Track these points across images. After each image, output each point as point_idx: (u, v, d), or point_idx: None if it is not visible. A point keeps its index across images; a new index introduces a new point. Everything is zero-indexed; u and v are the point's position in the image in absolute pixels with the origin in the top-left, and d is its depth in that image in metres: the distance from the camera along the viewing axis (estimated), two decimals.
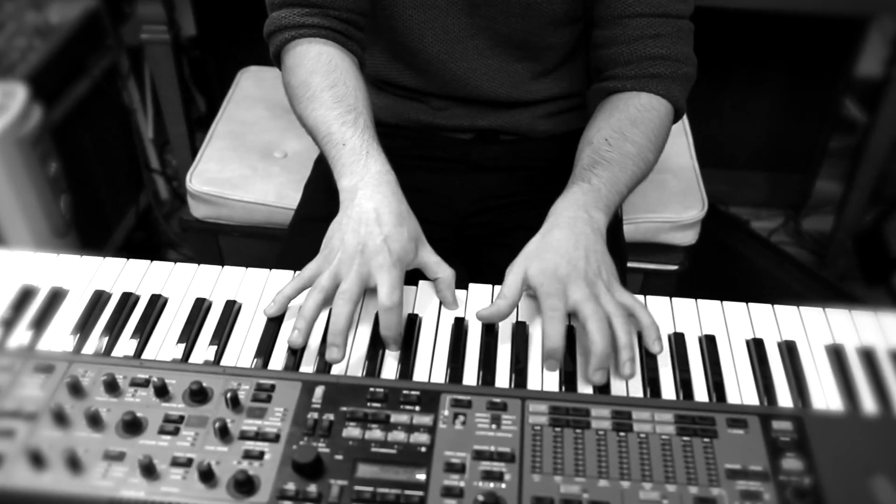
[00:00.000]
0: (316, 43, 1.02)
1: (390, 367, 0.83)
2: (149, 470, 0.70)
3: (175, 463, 0.71)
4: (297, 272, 0.90)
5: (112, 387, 0.77)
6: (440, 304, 0.91)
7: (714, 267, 1.92)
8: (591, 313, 0.82)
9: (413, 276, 0.93)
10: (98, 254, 0.97)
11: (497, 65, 1.13)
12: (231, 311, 0.88)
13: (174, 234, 2.24)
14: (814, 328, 0.87)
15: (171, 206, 2.34)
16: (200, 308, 0.88)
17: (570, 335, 0.85)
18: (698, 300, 0.91)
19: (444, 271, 0.92)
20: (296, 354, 0.84)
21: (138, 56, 2.11)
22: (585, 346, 0.82)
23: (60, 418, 0.74)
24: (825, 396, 0.80)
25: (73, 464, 0.71)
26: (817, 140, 2.21)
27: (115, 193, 2.09)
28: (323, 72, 1.00)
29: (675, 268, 1.40)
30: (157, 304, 0.89)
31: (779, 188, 2.31)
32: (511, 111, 1.18)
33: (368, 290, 0.87)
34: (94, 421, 0.74)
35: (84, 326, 0.86)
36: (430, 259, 0.92)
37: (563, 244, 0.87)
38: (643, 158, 0.99)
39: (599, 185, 0.93)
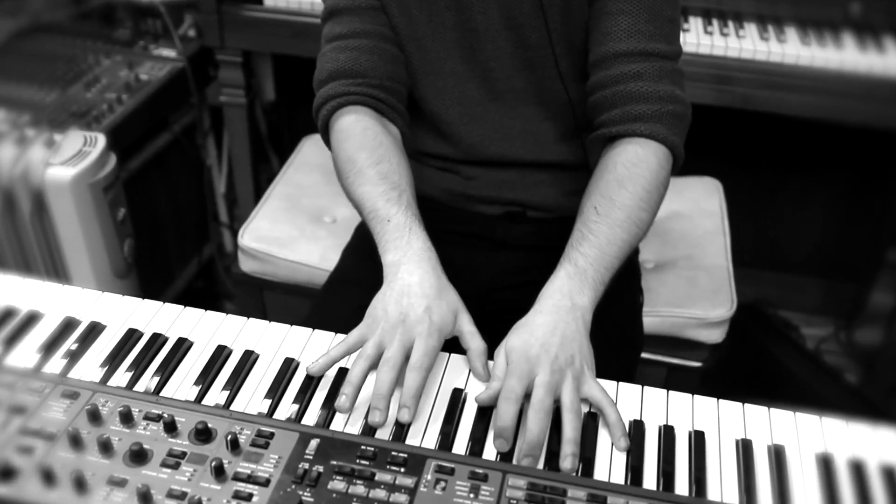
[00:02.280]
0: (362, 116, 1.09)
1: (386, 428, 0.87)
2: (145, 498, 0.75)
3: (170, 495, 0.76)
4: (341, 336, 0.96)
5: (127, 418, 0.83)
6: (443, 372, 0.95)
7: (744, 365, 1.91)
8: (535, 401, 0.85)
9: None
10: (155, 298, 1.05)
11: (521, 126, 1.19)
12: (248, 360, 0.94)
13: (232, 286, 2.33)
14: (835, 439, 0.87)
15: (234, 259, 2.44)
16: (220, 354, 0.95)
17: (556, 415, 0.88)
18: (719, 400, 0.92)
19: (476, 343, 0.96)
20: (300, 406, 0.89)
21: (219, 115, 2.25)
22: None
23: (76, 442, 0.80)
24: None
25: (80, 485, 0.77)
26: (873, 250, 2.19)
27: (182, 242, 2.20)
28: (369, 148, 1.06)
29: (698, 364, 1.41)
30: (181, 347, 0.96)
31: (832, 296, 2.28)
32: (537, 184, 1.22)
33: None
34: (105, 448, 0.80)
35: (113, 360, 0.94)
36: (466, 329, 0.97)
37: (542, 328, 0.91)
38: (634, 221, 1.00)
39: (585, 265, 0.97)
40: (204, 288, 2.33)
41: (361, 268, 1.23)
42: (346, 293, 1.22)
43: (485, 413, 0.89)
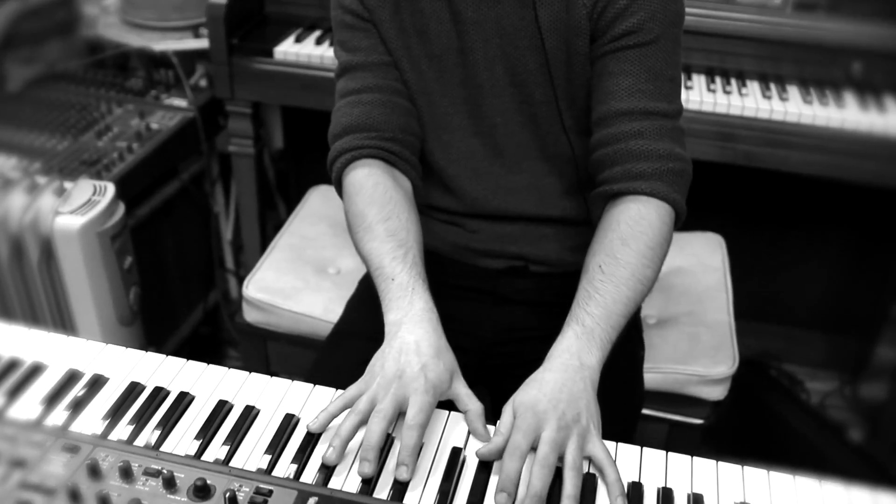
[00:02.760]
0: (374, 170, 1.12)
1: (385, 487, 0.87)
2: None
3: None
4: (341, 391, 0.97)
5: (126, 473, 0.84)
6: (441, 430, 0.95)
7: (747, 422, 1.90)
8: (540, 457, 0.86)
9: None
10: (159, 347, 1.05)
11: (525, 181, 1.21)
12: (248, 415, 0.95)
13: (236, 334, 2.34)
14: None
15: (239, 306, 2.45)
16: (221, 409, 0.95)
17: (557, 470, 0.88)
18: (719, 462, 0.91)
19: (474, 405, 0.97)
20: (299, 464, 0.89)
21: (228, 161, 2.28)
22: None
23: (75, 497, 0.81)
24: None
25: None
26: (877, 304, 2.19)
27: (188, 289, 2.21)
28: (379, 203, 1.08)
29: (700, 422, 1.41)
30: (183, 401, 0.96)
31: (836, 350, 2.28)
32: (541, 239, 1.24)
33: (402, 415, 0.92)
34: None
35: (115, 414, 0.94)
36: (462, 391, 0.98)
37: (550, 385, 0.92)
38: (638, 279, 1.02)
39: (593, 325, 0.98)
40: (209, 335, 2.34)
41: (365, 321, 1.23)
42: (348, 347, 1.22)
43: (484, 468, 0.89)
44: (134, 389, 0.97)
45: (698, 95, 1.68)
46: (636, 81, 1.06)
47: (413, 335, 0.97)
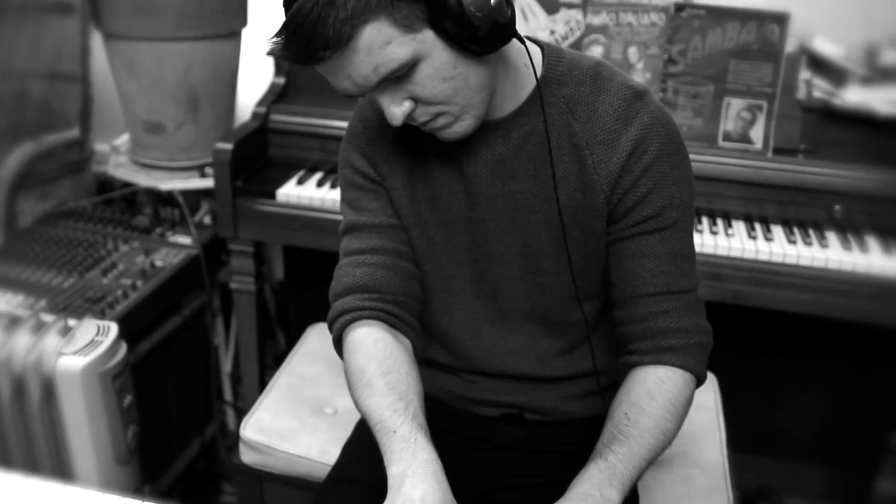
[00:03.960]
0: (374, 328, 1.12)
1: None
2: None
3: None
4: None
5: None
6: None
7: None
8: None
9: None
10: (154, 483, 1.06)
11: (524, 342, 1.23)
12: None
13: (232, 471, 2.33)
14: None
15: (236, 439, 2.45)
16: None
17: None
18: None
19: None
20: None
21: (228, 292, 2.33)
22: None
23: None
24: None
25: None
26: (876, 435, 2.18)
27: (185, 421, 2.22)
28: (378, 359, 1.08)
29: None
30: None
31: (837, 482, 2.25)
32: (537, 389, 1.26)
33: None
34: None
35: None
36: None
37: None
38: (661, 430, 1.04)
39: (616, 461, 1.00)
40: (205, 469, 2.33)
41: (361, 465, 1.24)
42: (344, 493, 1.23)
43: None
44: None
45: None
46: (658, 264, 1.10)
47: (418, 490, 0.95)
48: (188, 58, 2.12)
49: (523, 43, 1.03)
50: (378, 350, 1.10)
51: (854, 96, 1.81)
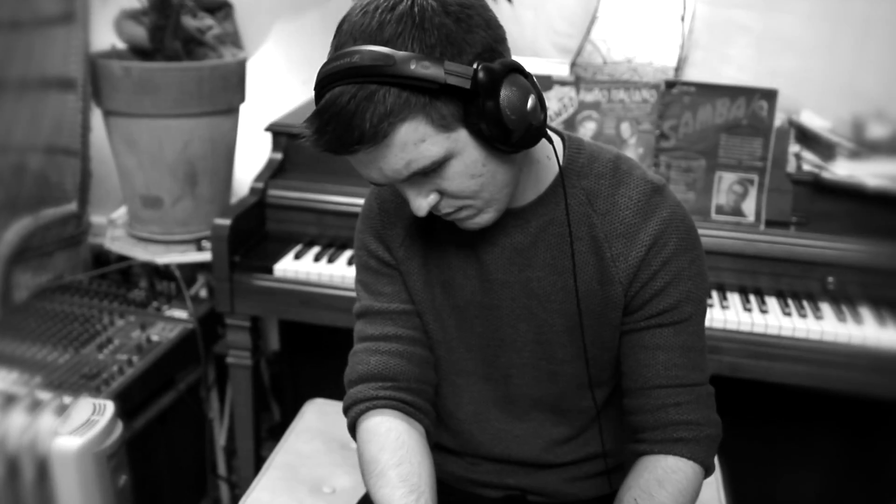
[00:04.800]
0: (387, 417, 1.12)
1: None
2: None
3: None
4: None
5: None
6: None
7: None
8: None
9: None
10: None
11: (531, 429, 1.23)
12: None
13: None
14: None
15: None
16: None
17: None
18: None
19: None
20: None
21: (223, 364, 2.32)
22: None
23: None
24: None
25: None
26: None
27: (178, 497, 2.19)
28: (391, 449, 1.09)
29: None
30: None
31: None
32: (540, 472, 1.25)
33: None
34: None
35: None
36: None
37: None
38: None
39: None
40: None
41: None
42: None
43: None
44: None
45: None
46: (671, 356, 1.10)
47: None
48: (187, 133, 2.16)
49: (550, 141, 1.03)
50: (391, 439, 1.10)
51: (843, 170, 1.84)
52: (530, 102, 0.94)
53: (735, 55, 2.17)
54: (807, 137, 2.01)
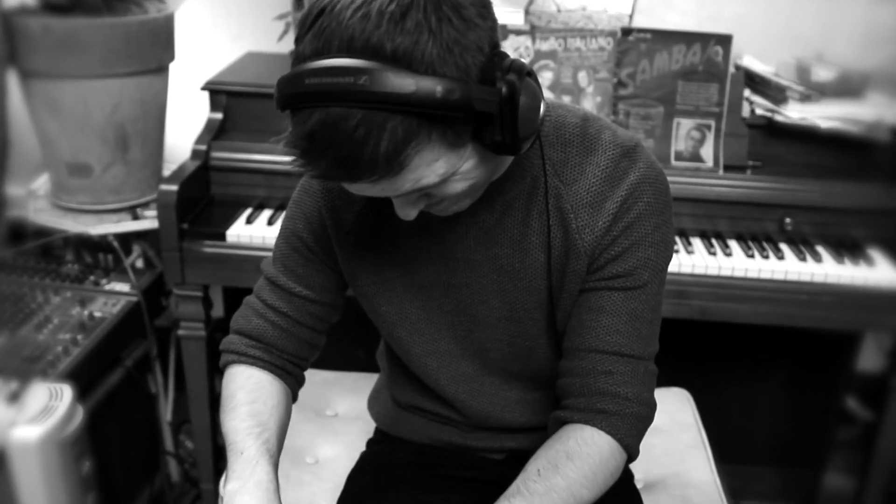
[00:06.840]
0: (255, 370, 1.14)
1: None
2: None
3: None
4: None
5: None
6: None
7: None
8: None
9: None
10: None
11: (516, 396, 1.21)
12: None
13: None
14: None
15: (181, 490, 2.33)
16: None
17: None
18: None
19: None
20: None
21: (165, 339, 2.21)
22: None
23: None
24: None
25: None
26: (823, 435, 2.27)
27: (132, 477, 2.09)
28: (248, 389, 1.10)
29: None
30: None
31: (789, 483, 2.33)
32: (537, 433, 1.23)
33: None
34: None
35: None
36: None
37: None
38: (573, 494, 0.99)
39: None
40: None
41: None
42: None
43: None
44: None
45: None
46: (615, 322, 1.04)
47: None
48: (115, 95, 2.01)
49: None
50: (251, 383, 1.11)
51: (795, 113, 1.88)
52: (542, 109, 0.90)
53: (678, 1, 2.17)
54: (755, 82, 2.04)
